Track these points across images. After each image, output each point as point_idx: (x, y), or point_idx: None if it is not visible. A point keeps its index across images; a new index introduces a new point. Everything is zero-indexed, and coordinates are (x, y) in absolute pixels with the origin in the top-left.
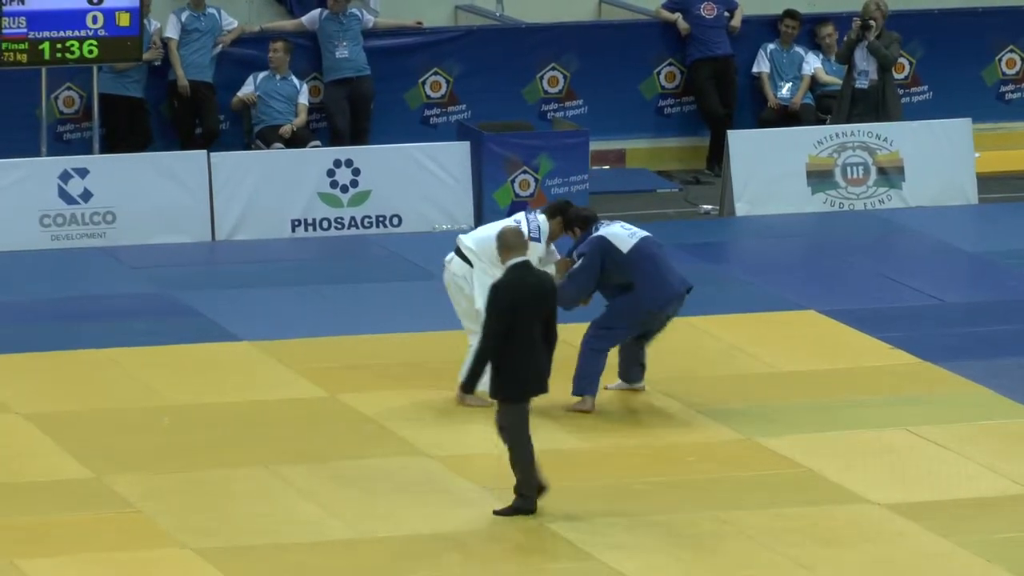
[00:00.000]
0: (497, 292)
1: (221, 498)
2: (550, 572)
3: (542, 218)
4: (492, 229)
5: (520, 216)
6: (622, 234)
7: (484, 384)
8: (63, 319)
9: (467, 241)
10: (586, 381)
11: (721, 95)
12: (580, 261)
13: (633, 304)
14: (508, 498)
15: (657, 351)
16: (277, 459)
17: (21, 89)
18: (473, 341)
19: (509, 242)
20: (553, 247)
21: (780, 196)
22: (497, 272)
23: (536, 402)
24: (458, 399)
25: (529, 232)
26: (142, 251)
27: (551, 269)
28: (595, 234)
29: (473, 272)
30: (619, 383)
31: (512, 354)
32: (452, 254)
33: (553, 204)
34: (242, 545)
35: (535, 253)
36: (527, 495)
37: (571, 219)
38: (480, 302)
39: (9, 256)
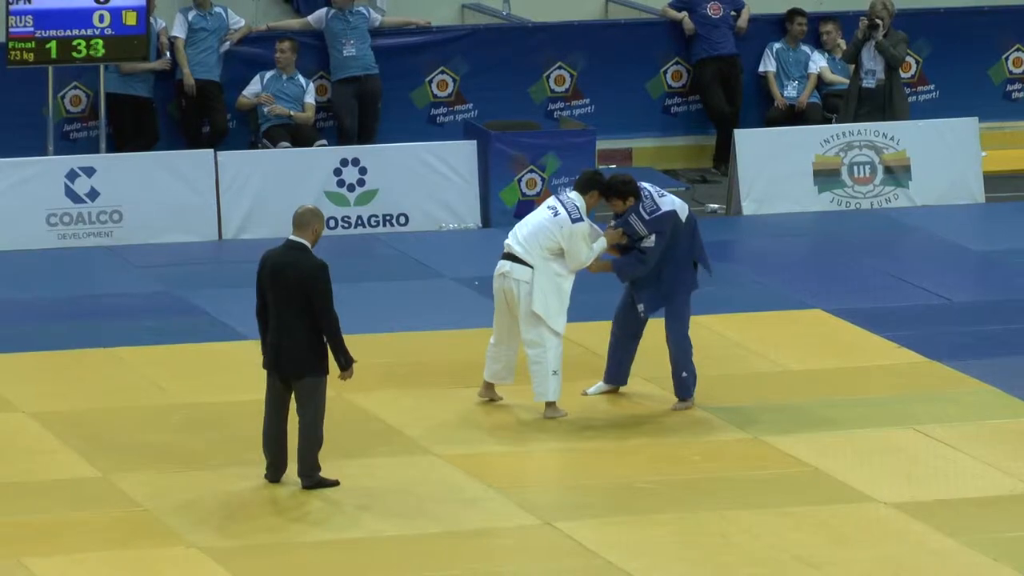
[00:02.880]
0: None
1: (228, 497)
2: (556, 571)
3: (575, 195)
4: (533, 226)
5: (553, 202)
6: (679, 203)
7: (553, 393)
8: (70, 318)
9: (516, 248)
10: (694, 381)
11: (726, 94)
12: (655, 239)
13: (691, 279)
14: (516, 496)
15: (664, 350)
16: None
17: (28, 88)
18: (531, 352)
19: (296, 218)
20: (590, 221)
21: (787, 195)
22: (555, 266)
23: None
24: (546, 415)
25: (570, 214)
26: (149, 250)
27: (600, 244)
28: (665, 210)
29: (534, 274)
30: (600, 386)
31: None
32: (506, 262)
33: (584, 178)
34: (249, 544)
35: (582, 231)
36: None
37: (611, 188)
38: (538, 304)
39: (16, 255)
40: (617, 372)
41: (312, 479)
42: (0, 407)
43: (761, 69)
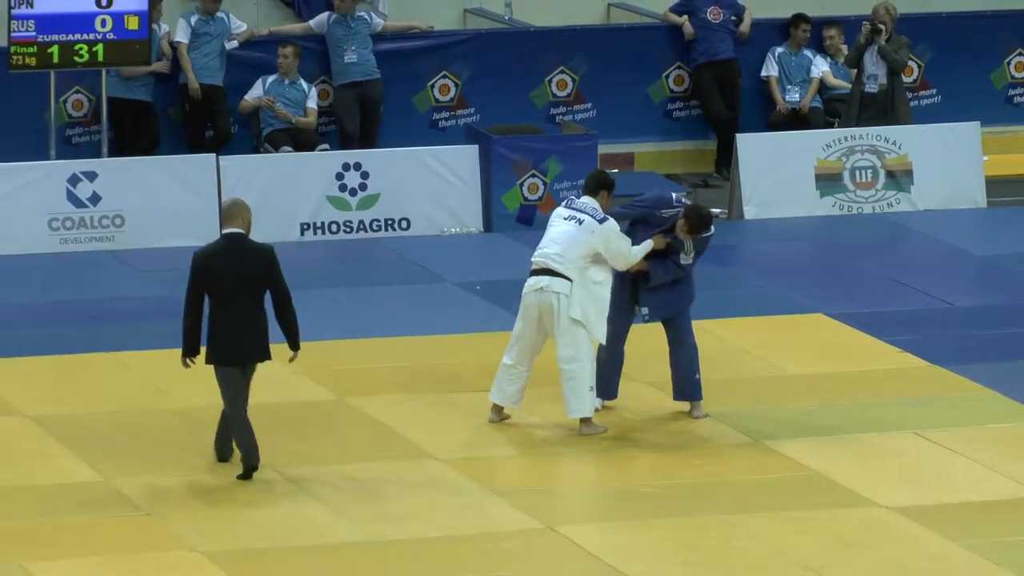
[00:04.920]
0: (193, 260)
1: (230, 501)
2: (558, 575)
3: (587, 199)
4: (563, 239)
5: (568, 212)
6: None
7: (589, 409)
8: (72, 322)
9: (553, 262)
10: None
11: (725, 99)
12: (694, 258)
13: (695, 290)
14: (517, 500)
15: (664, 355)
16: (286, 462)
17: (30, 92)
18: (567, 367)
19: (223, 212)
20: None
21: (789, 199)
22: (592, 273)
23: (549, 407)
24: (582, 431)
25: (593, 216)
26: (151, 254)
27: (647, 245)
28: (710, 232)
29: (572, 286)
30: (598, 401)
31: (212, 321)
32: (543, 277)
33: (592, 180)
34: (251, 548)
35: (614, 228)
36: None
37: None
38: (577, 311)
39: (18, 259)
40: (609, 386)
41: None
42: (2, 411)
43: (763, 73)
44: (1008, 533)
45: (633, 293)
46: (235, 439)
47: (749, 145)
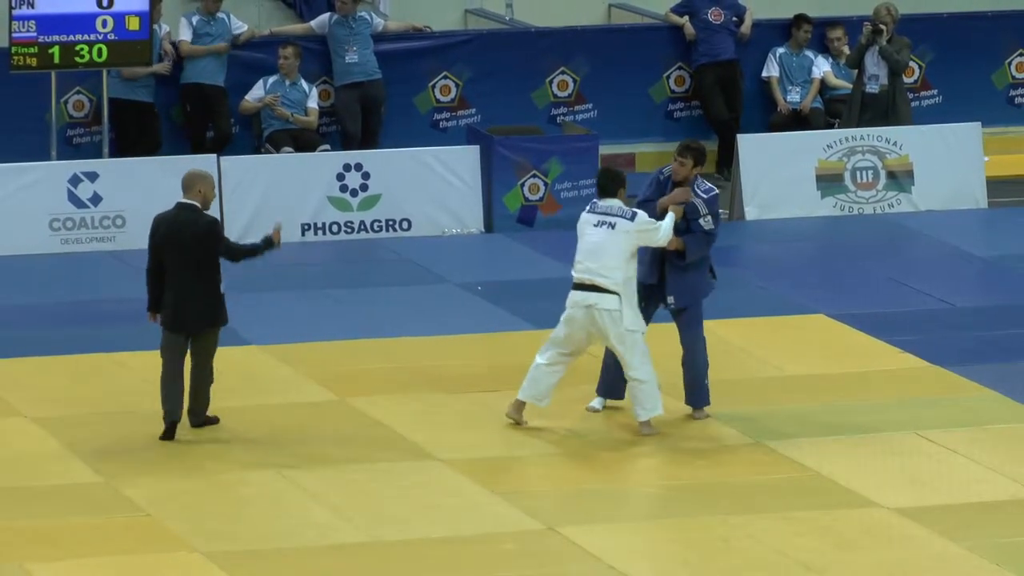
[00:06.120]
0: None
1: (231, 502)
2: None
3: (610, 201)
4: (603, 250)
5: (595, 218)
6: None
7: (658, 409)
8: (72, 323)
9: (601, 278)
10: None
11: (727, 100)
12: (712, 220)
13: (710, 283)
14: (519, 501)
15: (665, 355)
16: (287, 463)
17: (31, 93)
18: (635, 374)
19: (183, 181)
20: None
21: (790, 200)
22: (630, 273)
23: (549, 408)
24: (645, 431)
25: (623, 216)
26: None
27: (670, 218)
28: (717, 192)
29: (621, 299)
30: (600, 400)
31: (165, 285)
32: (591, 294)
33: (608, 181)
34: (252, 549)
35: (646, 220)
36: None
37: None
38: (628, 321)
39: (19, 260)
40: (614, 386)
41: (201, 417)
42: (3, 412)
43: (764, 74)
44: (1009, 534)
45: (642, 297)
46: (161, 392)
47: (750, 146)
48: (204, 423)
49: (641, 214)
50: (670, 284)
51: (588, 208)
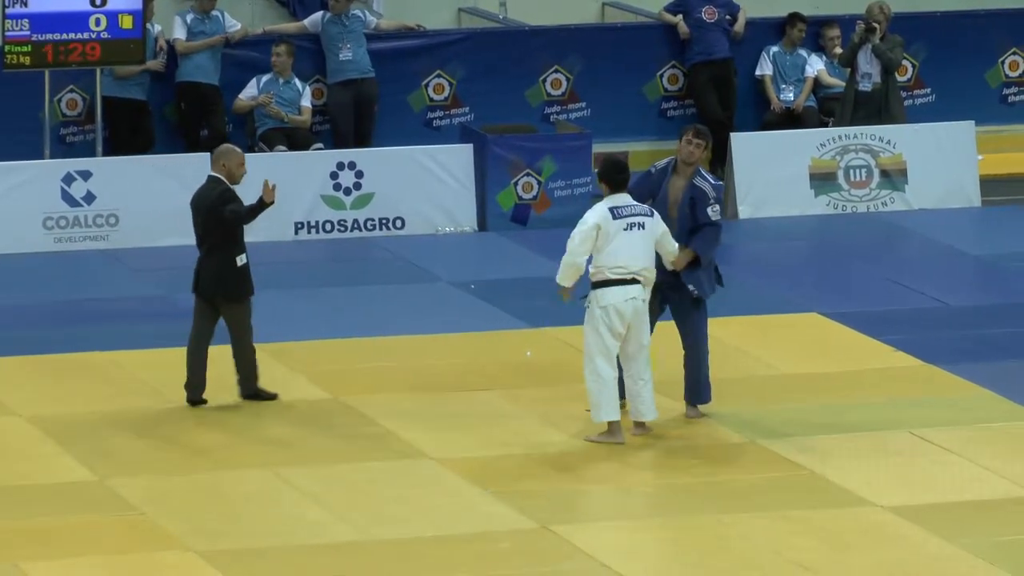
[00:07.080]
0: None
1: (225, 501)
2: (553, 575)
3: (625, 200)
4: (650, 249)
5: (623, 223)
6: None
7: (651, 414)
8: (66, 322)
9: (647, 276)
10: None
11: (720, 98)
12: (719, 209)
13: (714, 280)
14: (513, 500)
15: (658, 354)
16: (281, 461)
17: (24, 92)
18: (647, 372)
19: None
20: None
21: (783, 199)
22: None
23: (544, 406)
24: (638, 432)
25: (647, 213)
26: (146, 253)
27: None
28: (721, 181)
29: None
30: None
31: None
32: (635, 287)
33: (620, 174)
34: (246, 548)
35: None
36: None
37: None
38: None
39: (12, 259)
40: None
41: (249, 390)
42: None
43: (758, 73)
44: (1003, 533)
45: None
46: (186, 361)
47: (743, 144)
48: (255, 396)
49: (655, 213)
50: (686, 275)
51: (610, 213)
